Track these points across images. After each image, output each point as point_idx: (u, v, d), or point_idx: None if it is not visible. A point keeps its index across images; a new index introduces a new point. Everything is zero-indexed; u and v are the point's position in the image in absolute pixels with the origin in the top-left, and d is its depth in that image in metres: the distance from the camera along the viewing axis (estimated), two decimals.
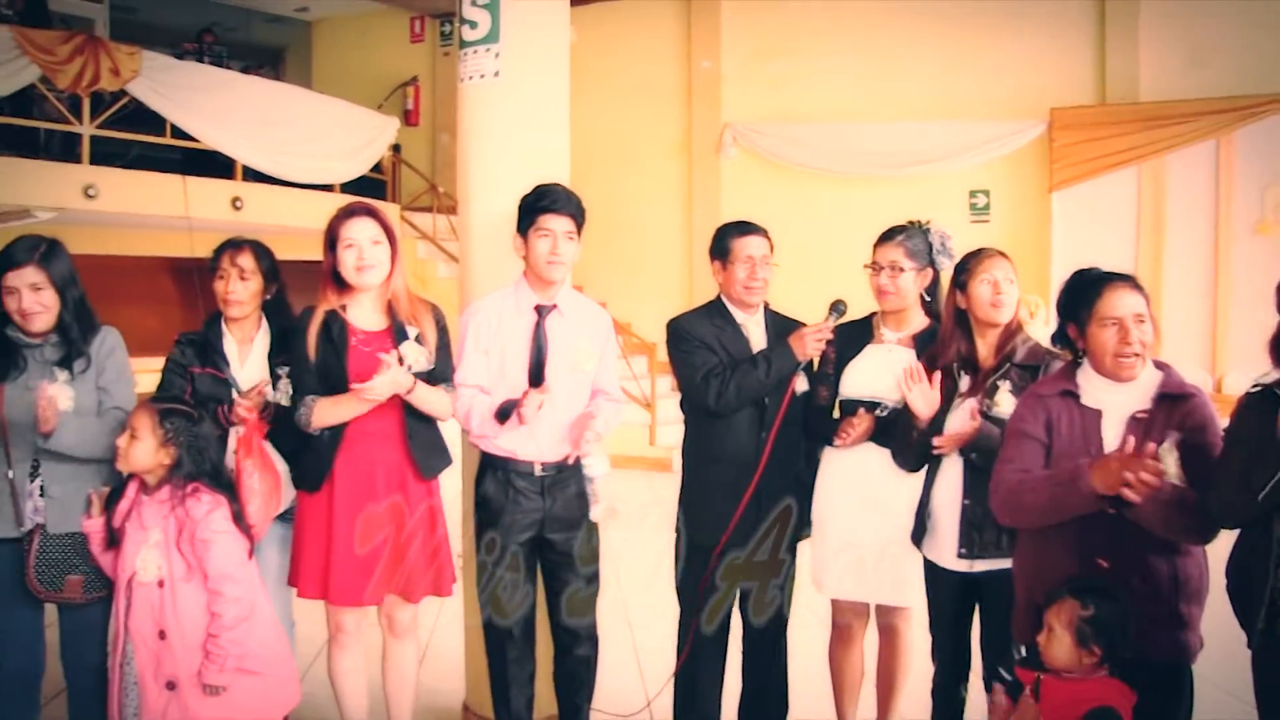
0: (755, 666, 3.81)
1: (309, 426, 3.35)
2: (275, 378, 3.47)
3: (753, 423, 3.58)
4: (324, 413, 3.33)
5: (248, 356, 3.51)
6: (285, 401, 3.43)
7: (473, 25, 4.02)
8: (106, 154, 8.03)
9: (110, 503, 3.13)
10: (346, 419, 3.34)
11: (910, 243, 3.52)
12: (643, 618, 5.35)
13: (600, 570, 3.68)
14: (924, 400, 3.23)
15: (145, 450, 3.02)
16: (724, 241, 3.67)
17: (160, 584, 2.98)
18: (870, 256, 3.59)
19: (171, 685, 2.98)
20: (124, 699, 3.04)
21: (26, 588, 3.18)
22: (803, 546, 3.73)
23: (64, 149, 8.15)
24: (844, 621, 3.72)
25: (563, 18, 4.15)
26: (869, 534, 3.51)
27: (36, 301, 3.17)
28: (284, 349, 3.50)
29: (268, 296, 3.56)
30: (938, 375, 3.28)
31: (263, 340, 3.56)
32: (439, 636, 4.96)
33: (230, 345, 3.51)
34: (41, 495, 3.17)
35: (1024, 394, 3.06)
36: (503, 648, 3.58)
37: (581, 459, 3.47)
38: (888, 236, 3.57)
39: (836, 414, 3.64)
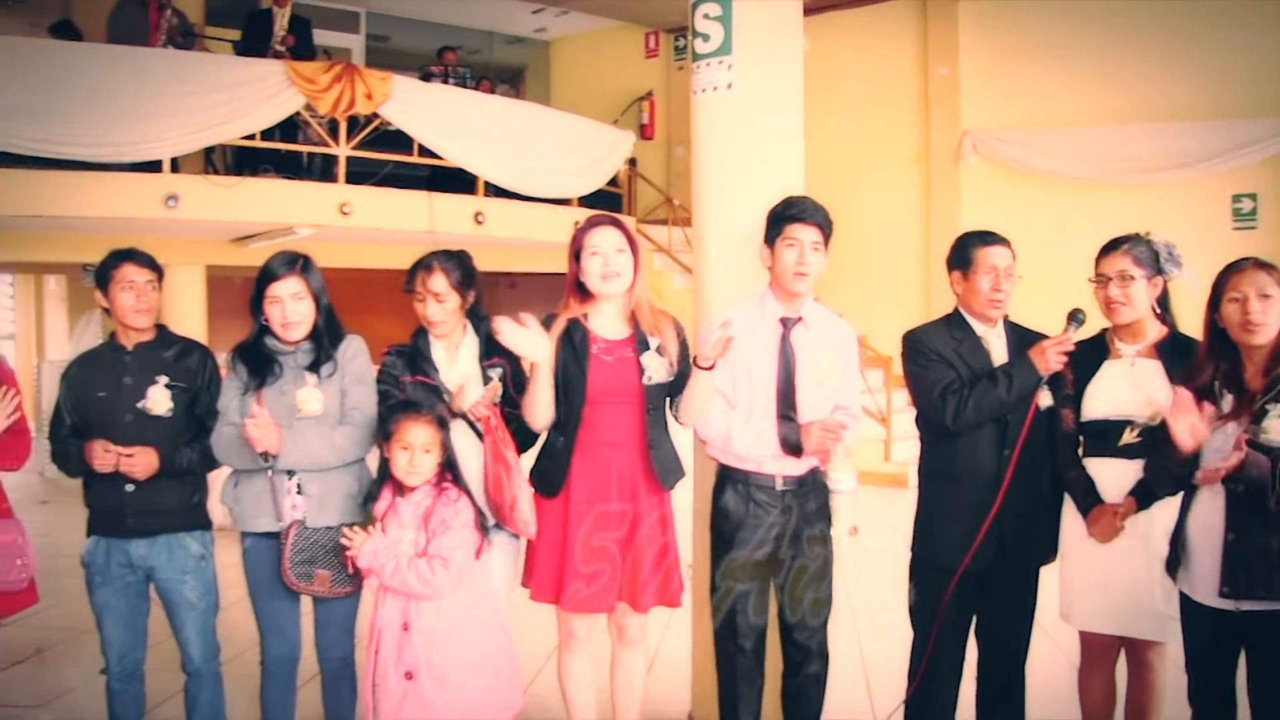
0: (990, 697, 3.66)
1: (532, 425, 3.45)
2: (485, 380, 3.53)
3: (994, 440, 3.44)
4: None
5: (455, 362, 3.60)
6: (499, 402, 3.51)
7: (705, 38, 4.03)
8: (359, 173, 8.44)
9: (365, 503, 3.31)
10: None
11: (1136, 250, 3.33)
12: (874, 638, 5.24)
13: (833, 587, 3.61)
14: (1191, 433, 2.90)
15: (434, 461, 3.19)
16: (966, 251, 3.55)
17: None
18: (1093, 270, 3.42)
19: (409, 675, 3.11)
20: (368, 685, 3.19)
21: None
22: (1046, 572, 3.56)
23: (323, 170, 8.65)
24: (1093, 651, 3.52)
25: (795, 27, 4.11)
26: (1121, 562, 3.29)
27: (296, 311, 3.39)
28: (494, 351, 3.57)
29: (468, 306, 3.63)
30: (1208, 406, 2.97)
31: (469, 345, 3.63)
32: (667, 646, 4.98)
33: (438, 353, 3.60)
34: (299, 493, 3.36)
35: None
36: (733, 662, 3.56)
37: (829, 474, 3.40)
38: (1112, 247, 3.39)
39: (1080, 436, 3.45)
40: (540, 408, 3.39)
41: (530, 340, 3.28)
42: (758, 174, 3.94)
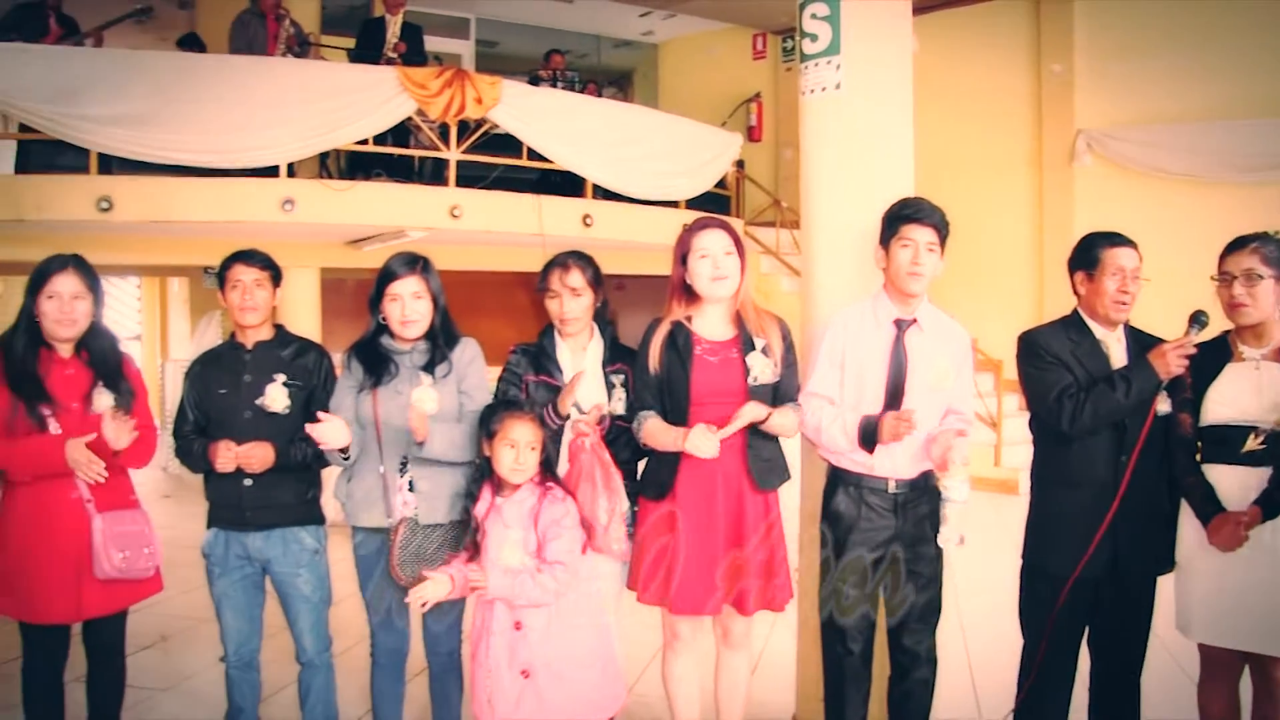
0: (1103, 709, 3.58)
1: (639, 439, 3.45)
2: (609, 385, 3.56)
3: (1111, 446, 3.35)
4: (653, 435, 3.39)
5: (580, 365, 3.62)
6: (620, 409, 3.53)
7: (813, 38, 4.01)
8: (470, 177, 8.52)
9: (465, 503, 3.35)
10: (665, 448, 3.38)
11: (1265, 249, 3.21)
12: (982, 645, 5.15)
13: (943, 593, 3.56)
14: None
15: (537, 459, 3.23)
16: (1092, 252, 3.46)
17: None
18: (1215, 269, 3.31)
19: (526, 673, 3.15)
20: (480, 684, 3.22)
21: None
22: (1163, 582, 3.47)
23: (434, 173, 8.79)
24: (1214, 665, 3.40)
25: (905, 26, 4.07)
26: (1245, 573, 3.18)
27: (415, 309, 3.47)
28: (618, 357, 3.60)
29: (598, 306, 3.66)
30: None
31: (595, 348, 3.66)
32: (772, 648, 4.96)
33: (564, 354, 3.63)
34: (410, 490, 3.43)
35: None
36: (840, 665, 3.54)
37: (943, 482, 3.35)
38: (1239, 244, 3.27)
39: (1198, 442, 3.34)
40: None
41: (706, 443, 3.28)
42: (867, 175, 3.91)
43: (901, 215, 3.43)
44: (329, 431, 3.33)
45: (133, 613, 3.77)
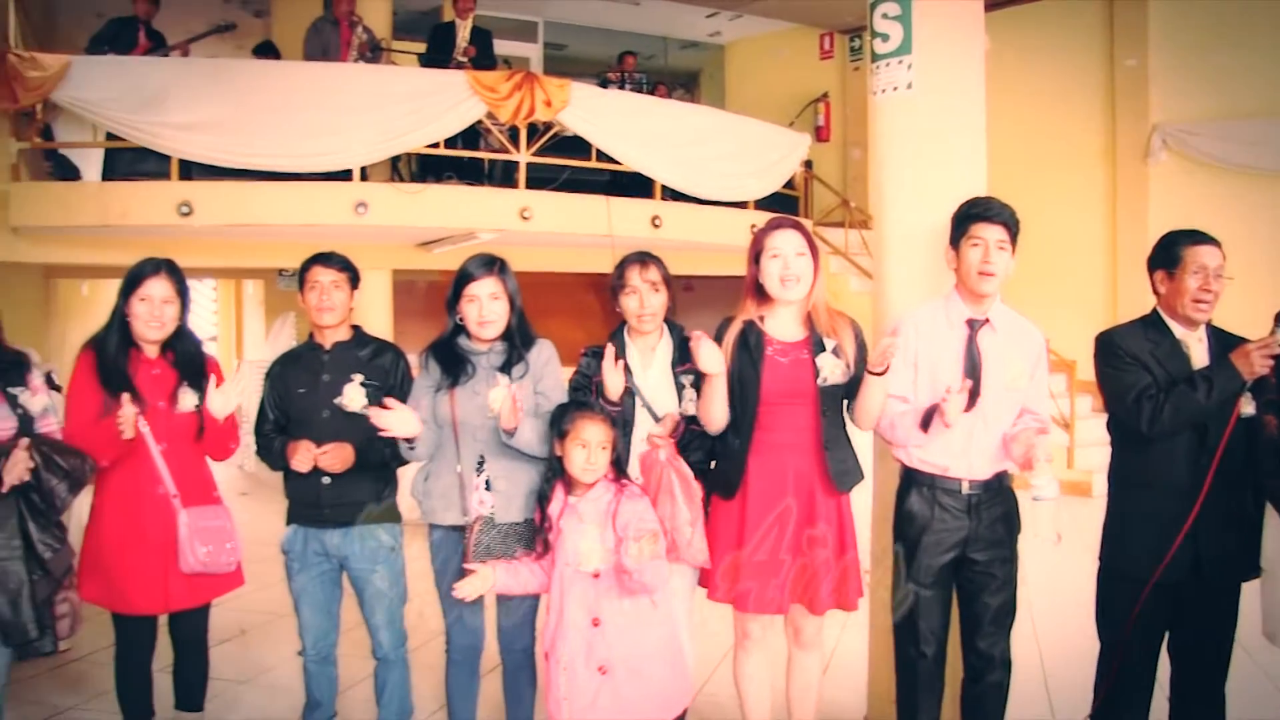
0: (1186, 717, 3.52)
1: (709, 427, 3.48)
2: (679, 386, 3.59)
3: (1191, 448, 3.30)
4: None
5: (650, 365, 3.65)
6: (691, 410, 3.54)
7: (884, 38, 4.01)
8: (539, 179, 8.56)
9: (539, 503, 3.39)
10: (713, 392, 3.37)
11: None
12: (1057, 649, 5.10)
13: (1017, 596, 3.53)
14: None
15: (608, 458, 3.26)
16: (1174, 250, 3.40)
17: (595, 575, 3.19)
18: None
19: (603, 670, 3.18)
20: (555, 680, 3.26)
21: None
22: (1247, 588, 3.41)
23: (503, 175, 8.88)
24: None
25: (977, 24, 4.04)
26: None
27: (493, 310, 3.52)
28: (687, 358, 3.63)
29: (670, 306, 3.68)
30: None
31: (664, 349, 3.68)
32: (843, 649, 4.95)
33: (634, 356, 3.66)
34: (487, 489, 3.47)
35: None
36: (913, 667, 3.52)
37: (1031, 480, 3.31)
38: None
39: None
40: (716, 411, 3.42)
41: (712, 354, 3.30)
42: (938, 175, 3.90)
43: (971, 214, 3.41)
44: (396, 420, 3.39)
45: (213, 607, 3.88)
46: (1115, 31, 10.97)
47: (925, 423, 3.34)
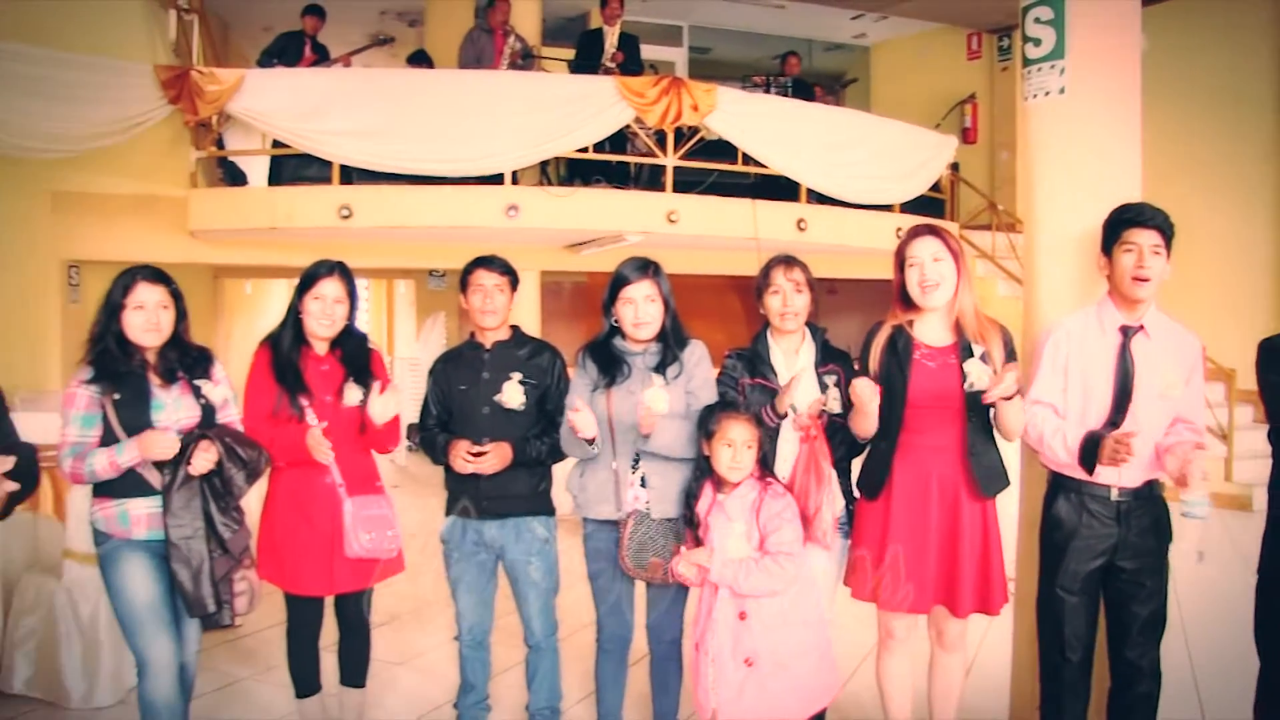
0: None
1: (859, 434, 3.52)
2: (823, 386, 3.61)
3: None
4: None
5: (794, 367, 3.69)
6: (836, 409, 3.58)
7: (1036, 42, 3.97)
8: (686, 182, 8.65)
9: (687, 501, 3.49)
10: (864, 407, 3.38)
11: None
12: (1211, 662, 4.97)
13: (1168, 606, 3.49)
14: None
15: (754, 457, 3.35)
16: None
17: None
18: None
19: (749, 662, 3.26)
20: (702, 672, 3.35)
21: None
22: None
23: (650, 179, 9.00)
24: None
25: (1133, 24, 3.96)
26: None
27: (648, 312, 3.64)
28: (829, 359, 3.68)
29: (813, 309, 3.72)
30: None
31: (807, 350, 3.72)
32: (986, 653, 4.92)
33: (778, 357, 3.71)
34: (642, 485, 3.59)
35: None
36: (1059, 674, 3.50)
37: (1182, 496, 3.27)
38: None
39: None
40: (867, 426, 3.46)
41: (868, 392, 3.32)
42: (1091, 180, 3.84)
43: (1124, 219, 3.38)
44: (583, 421, 3.50)
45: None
46: None
47: (1087, 459, 3.30)
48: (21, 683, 4.55)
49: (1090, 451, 3.29)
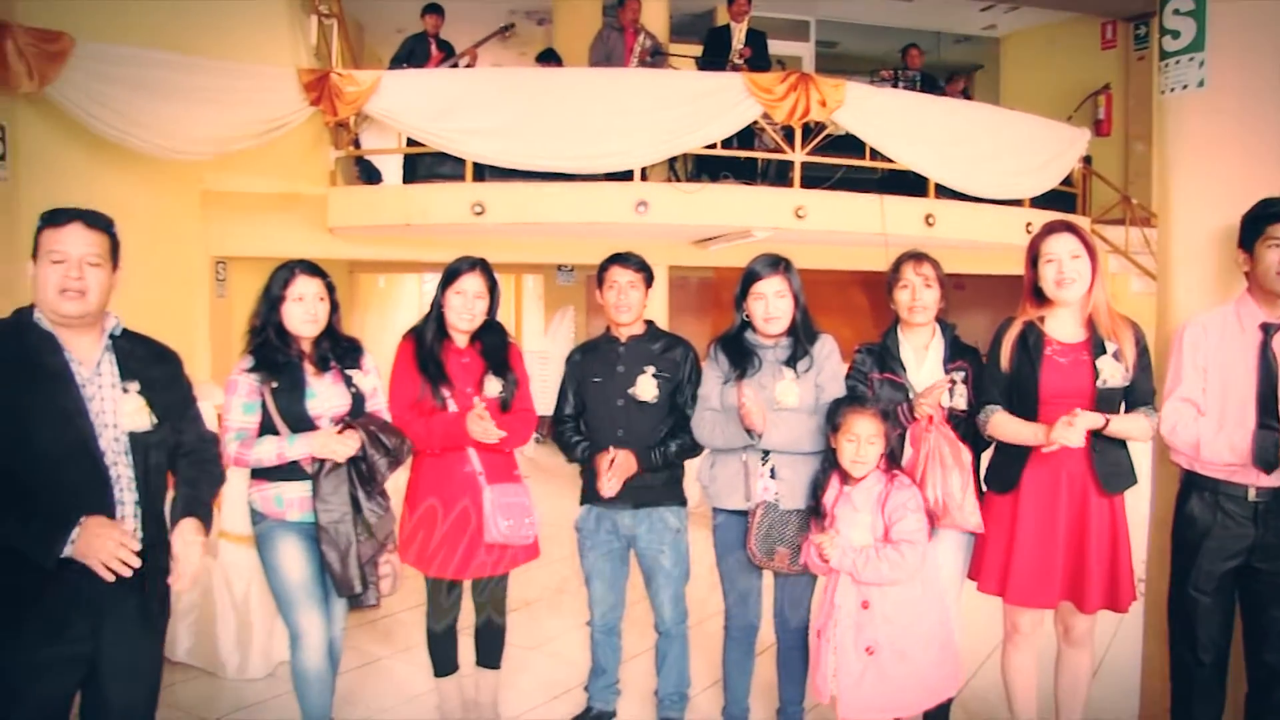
0: None
1: (984, 430, 3.53)
2: (951, 384, 3.63)
3: None
4: (1001, 426, 3.46)
5: (923, 362, 3.72)
6: (962, 405, 3.60)
7: (1175, 35, 3.90)
8: (813, 178, 8.67)
9: (814, 492, 3.55)
10: (1020, 441, 3.42)
11: None
12: None
13: None
14: None
15: (878, 451, 3.41)
16: None
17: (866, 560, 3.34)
18: None
19: (870, 650, 3.32)
20: (825, 659, 3.42)
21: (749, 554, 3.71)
22: None
23: (778, 175, 9.02)
24: None
25: (1276, 17, 3.83)
26: None
27: (779, 307, 3.72)
28: (958, 355, 3.69)
29: (942, 305, 3.75)
30: None
31: (937, 347, 3.74)
32: (1115, 652, 4.85)
33: (907, 352, 3.74)
34: (772, 476, 3.67)
35: None
36: (1190, 676, 3.46)
37: None
38: None
39: None
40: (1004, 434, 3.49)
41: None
42: (1231, 175, 3.76)
43: (1267, 214, 3.30)
44: (755, 413, 3.56)
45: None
46: None
47: (1265, 458, 3.22)
48: (184, 652, 4.85)
49: (1270, 450, 3.21)
